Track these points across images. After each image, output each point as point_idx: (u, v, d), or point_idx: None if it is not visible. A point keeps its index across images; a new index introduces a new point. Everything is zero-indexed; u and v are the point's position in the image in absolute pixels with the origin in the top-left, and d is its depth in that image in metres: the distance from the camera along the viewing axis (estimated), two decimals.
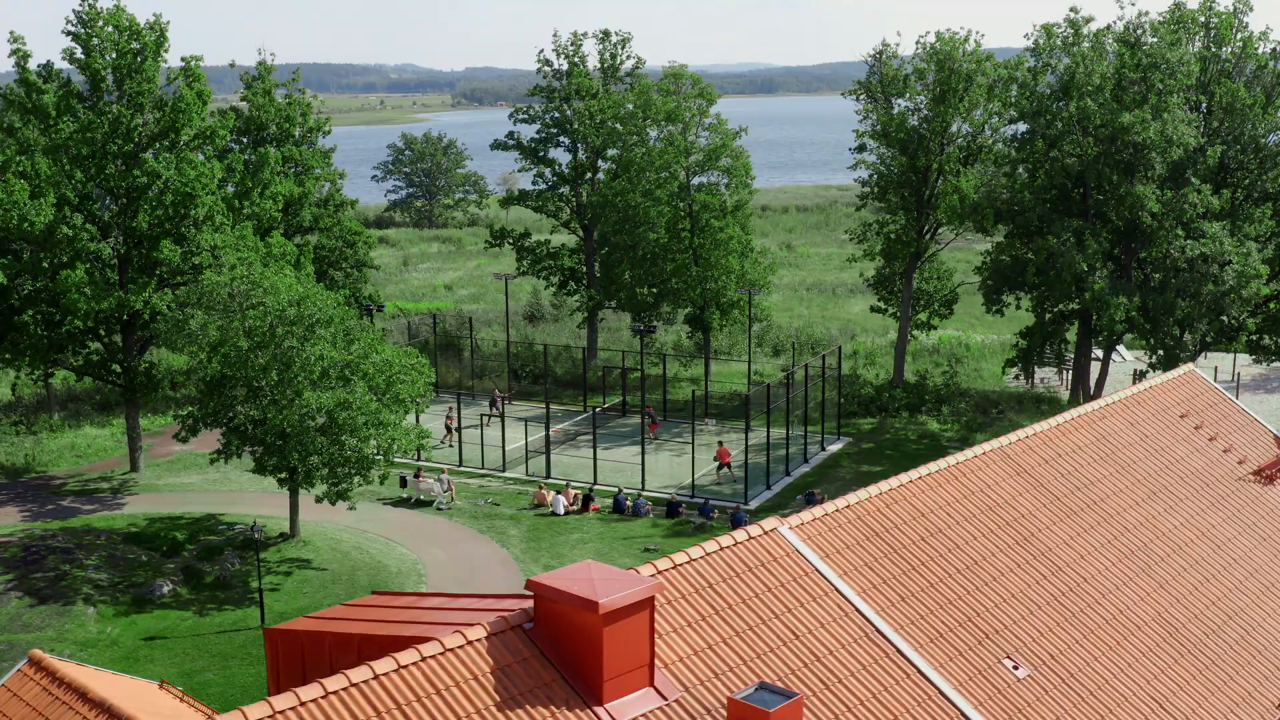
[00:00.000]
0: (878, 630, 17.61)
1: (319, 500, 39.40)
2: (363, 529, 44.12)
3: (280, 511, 43.57)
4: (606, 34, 71.50)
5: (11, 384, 51.55)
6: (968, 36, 59.59)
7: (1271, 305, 51.82)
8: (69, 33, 45.21)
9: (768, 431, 51.88)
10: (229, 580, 38.92)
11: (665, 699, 15.19)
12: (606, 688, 14.78)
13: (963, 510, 21.66)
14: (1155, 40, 48.68)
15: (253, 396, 38.28)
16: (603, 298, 68.53)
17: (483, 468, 52.35)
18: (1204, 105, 51.32)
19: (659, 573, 16.87)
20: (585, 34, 70.65)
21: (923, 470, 22.07)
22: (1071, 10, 50.65)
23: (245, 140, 62.19)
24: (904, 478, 21.71)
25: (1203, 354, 64.28)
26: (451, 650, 14.88)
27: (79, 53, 45.15)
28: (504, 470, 51.91)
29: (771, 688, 15.26)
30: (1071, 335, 60.62)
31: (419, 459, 51.13)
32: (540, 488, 47.57)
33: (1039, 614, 20.40)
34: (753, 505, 47.36)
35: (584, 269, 71.96)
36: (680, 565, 17.09)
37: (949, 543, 20.82)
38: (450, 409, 56.43)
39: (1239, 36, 50.43)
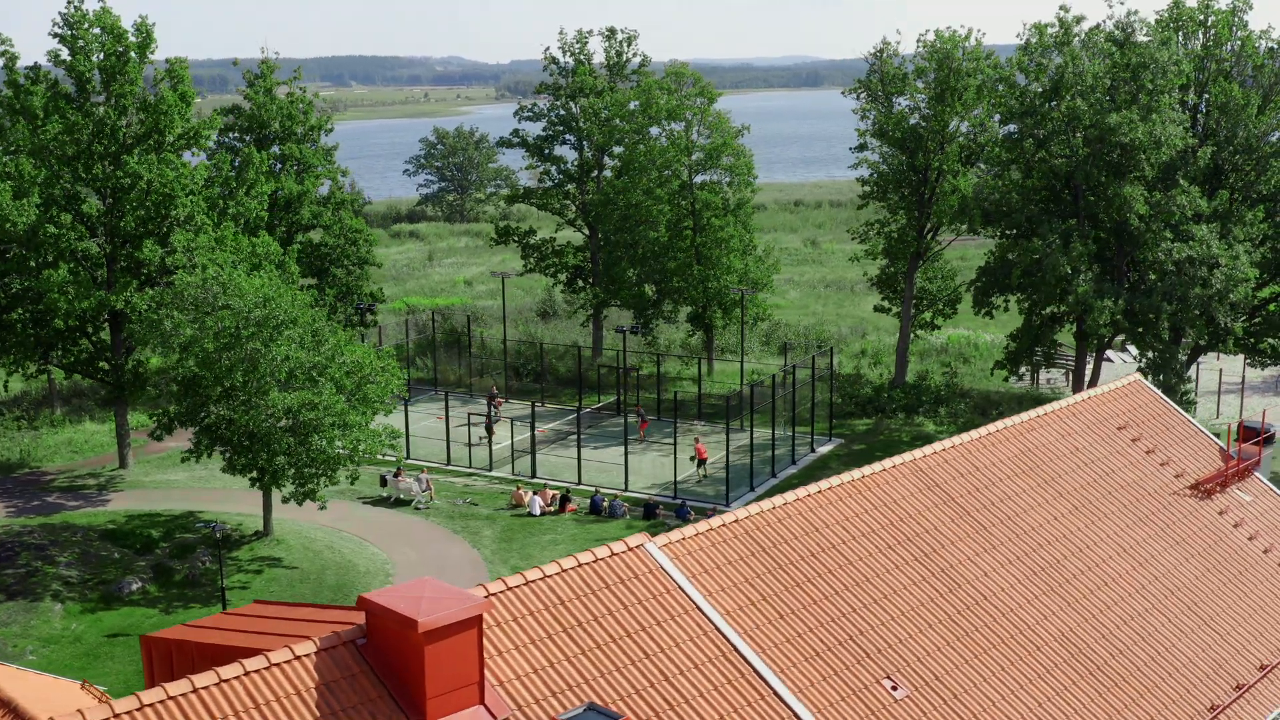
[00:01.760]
0: (735, 649, 17.41)
1: (285, 500, 39.73)
2: (339, 528, 44.40)
3: (261, 509, 43.90)
4: (612, 31, 71.37)
5: (3, 382, 52.40)
6: (968, 35, 58.89)
7: (1271, 308, 50.71)
8: (55, 34, 45.84)
9: (750, 432, 51.58)
10: (198, 578, 39.34)
11: (495, 717, 15.11)
12: (430, 705, 14.72)
13: (861, 525, 21.37)
14: (1147, 39, 47.76)
15: (226, 397, 38.62)
16: (606, 296, 68.49)
17: (470, 466, 52.49)
18: (1202, 105, 50.27)
19: (509, 589, 16.79)
20: (590, 31, 70.59)
21: (823, 484, 21.82)
22: (1061, 9, 49.79)
23: (248, 138, 62.77)
24: (801, 491, 21.48)
25: (1215, 355, 63.13)
26: (278, 665, 14.87)
27: (64, 54, 45.77)
28: (490, 469, 52.02)
29: (599, 709, 15.14)
30: (1065, 337, 59.77)
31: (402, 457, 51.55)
32: (518, 488, 47.64)
33: (929, 632, 20.08)
34: (734, 507, 47.08)
35: (590, 266, 71.90)
36: (533, 581, 16.99)
37: (841, 558, 20.56)
38: (497, 401, 56.80)
39: (1238, 35, 49.30)
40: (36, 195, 44.34)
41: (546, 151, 71.29)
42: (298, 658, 15.00)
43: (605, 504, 46.15)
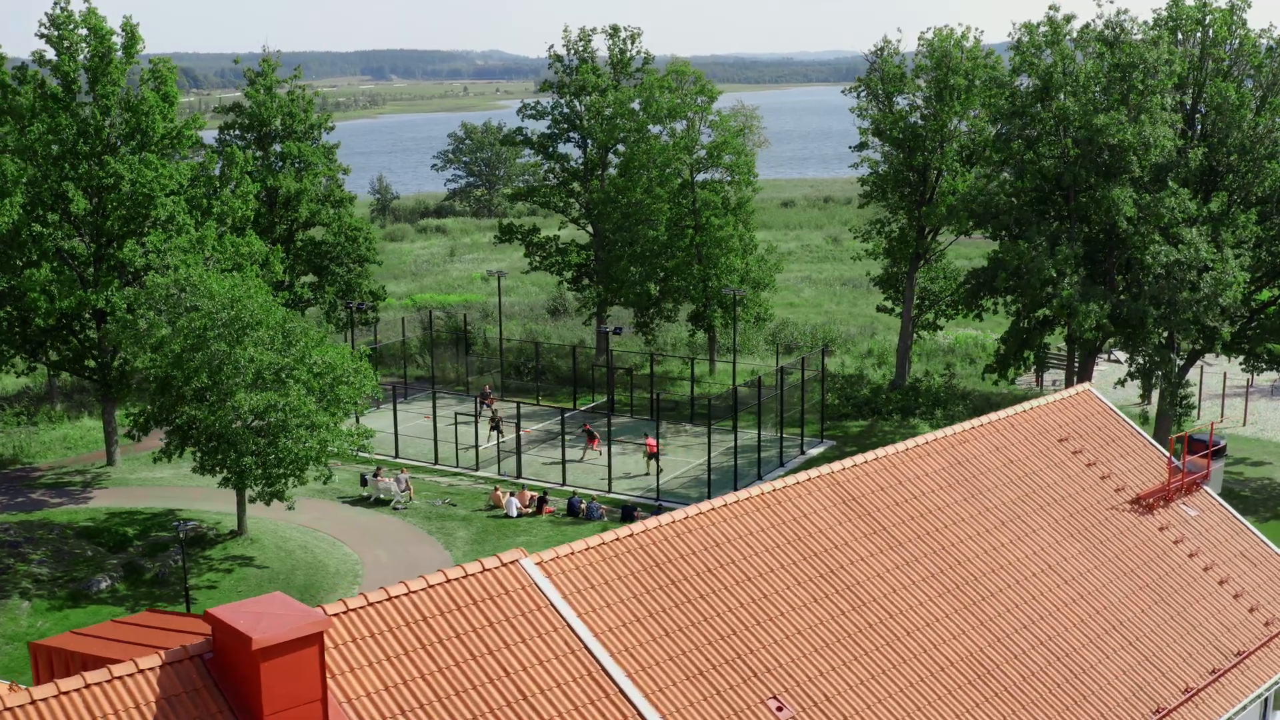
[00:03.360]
0: (602, 668, 17.15)
1: (252, 501, 39.88)
2: (315, 527, 44.51)
3: (247, 507, 44.00)
4: (616, 29, 71.13)
5: None
6: (966, 33, 58.18)
7: (1270, 310, 49.58)
8: (41, 35, 46.33)
9: (735, 434, 51.19)
10: (167, 577, 39.56)
11: None
12: None
13: (765, 540, 21.03)
14: (1139, 39, 46.81)
15: (197, 397, 38.82)
16: (608, 294, 68.31)
17: (457, 466, 52.48)
18: (1201, 106, 49.19)
19: (369, 604, 16.64)
20: (594, 29, 70.42)
21: (730, 497, 21.50)
22: (1051, 8, 48.91)
23: (249, 136, 63.23)
24: (705, 505, 21.16)
25: (1227, 359, 61.88)
26: (119, 678, 14.81)
27: (49, 54, 46.30)
28: (477, 469, 51.99)
29: None
30: (1056, 339, 58.89)
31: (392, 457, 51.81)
32: (496, 488, 47.59)
33: (827, 651, 19.73)
34: None
35: (594, 265, 71.73)
36: (396, 597, 16.83)
37: (739, 574, 20.23)
38: (489, 399, 56.23)
39: (1238, 33, 48.17)
40: (20, 195, 44.79)
41: (550, 150, 71.20)
42: (141, 671, 14.94)
43: (583, 506, 45.98)
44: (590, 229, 71.69)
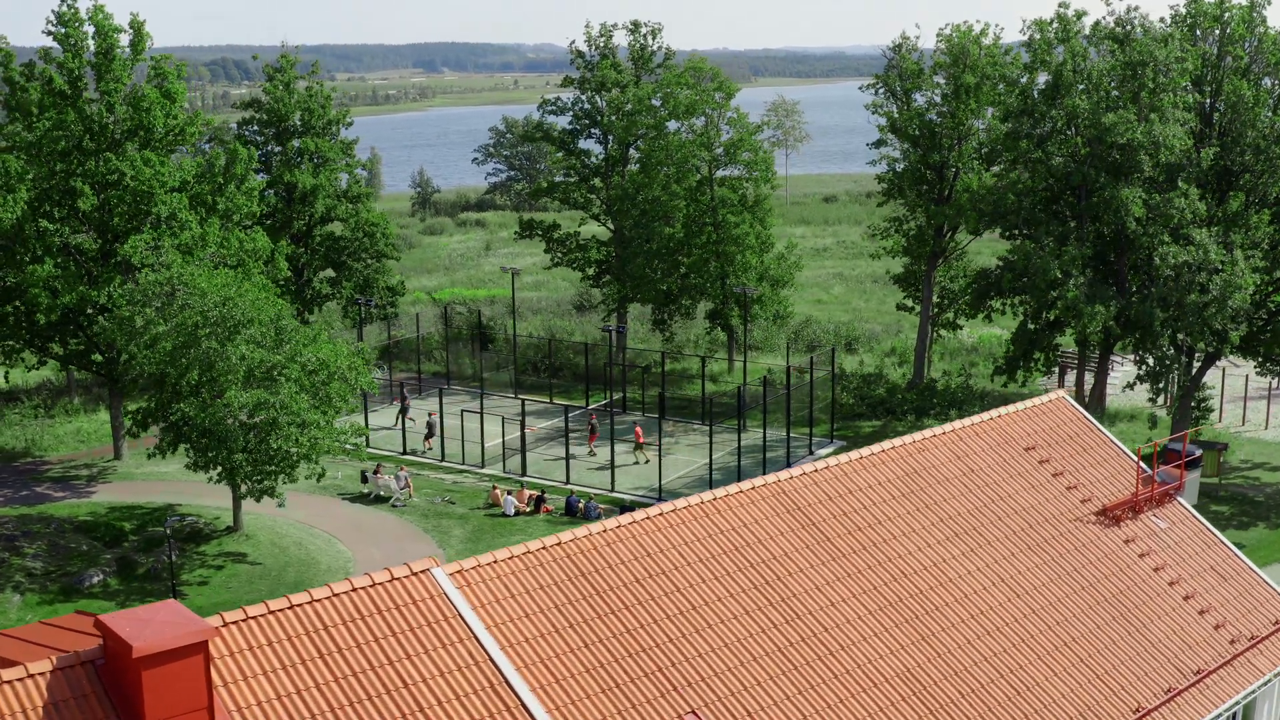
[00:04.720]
0: (505, 681, 16.96)
1: (242, 497, 40.12)
2: (312, 524, 44.73)
3: (245, 503, 44.36)
4: (637, 25, 70.84)
5: (4, 373, 53.78)
6: (985, 30, 57.30)
7: None
8: (48, 32, 46.95)
9: (739, 433, 50.80)
10: (159, 572, 39.91)
11: None
12: None
13: (700, 550, 20.74)
14: (1151, 37, 45.78)
15: (192, 394, 39.14)
16: (627, 291, 68.12)
17: (463, 463, 52.58)
18: (1219, 105, 48.00)
19: (270, 612, 16.57)
20: (615, 25, 70.23)
21: (666, 506, 21.23)
22: (1061, 5, 47.96)
23: (268, 132, 63.72)
24: (640, 514, 20.91)
25: (1249, 360, 60.50)
26: (9, 682, 14.86)
27: (57, 51, 46.85)
28: (483, 467, 52.03)
29: None
30: (1068, 341, 57.88)
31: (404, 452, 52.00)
32: (494, 487, 47.58)
33: (755, 665, 19.42)
34: None
35: (614, 261, 71.54)
36: (298, 605, 16.75)
37: (668, 585, 19.97)
38: (430, 413, 55.39)
39: (1257, 31, 46.94)
40: (24, 191, 45.38)
41: (571, 145, 71.08)
42: (31, 676, 14.97)
43: (581, 505, 45.87)
44: (610, 226, 71.51)
